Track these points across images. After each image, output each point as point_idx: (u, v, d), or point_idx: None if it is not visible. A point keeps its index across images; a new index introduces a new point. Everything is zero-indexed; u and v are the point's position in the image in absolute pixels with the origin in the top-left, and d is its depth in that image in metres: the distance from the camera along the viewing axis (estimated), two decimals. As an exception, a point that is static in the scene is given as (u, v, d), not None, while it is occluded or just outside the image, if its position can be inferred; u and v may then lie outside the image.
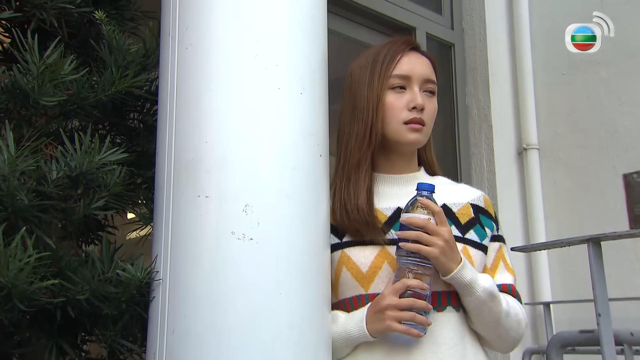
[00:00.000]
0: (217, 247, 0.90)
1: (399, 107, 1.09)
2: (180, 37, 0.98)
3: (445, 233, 0.97)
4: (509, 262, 1.14)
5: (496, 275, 1.10)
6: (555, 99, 2.63)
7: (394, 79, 1.10)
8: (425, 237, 0.96)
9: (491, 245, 1.12)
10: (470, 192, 1.16)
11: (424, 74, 1.12)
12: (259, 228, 0.90)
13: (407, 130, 1.09)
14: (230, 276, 0.89)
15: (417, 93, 1.10)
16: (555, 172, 2.56)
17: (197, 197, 0.91)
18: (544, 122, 2.63)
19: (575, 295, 2.29)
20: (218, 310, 0.88)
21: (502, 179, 2.51)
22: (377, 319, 0.97)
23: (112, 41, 1.04)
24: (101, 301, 0.91)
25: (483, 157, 2.54)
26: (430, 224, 0.97)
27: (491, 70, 2.61)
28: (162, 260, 0.94)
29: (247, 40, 0.95)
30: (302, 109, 0.97)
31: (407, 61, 1.12)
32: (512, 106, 2.67)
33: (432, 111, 1.12)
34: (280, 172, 0.93)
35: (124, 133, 1.14)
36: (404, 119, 1.09)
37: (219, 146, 0.92)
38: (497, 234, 1.14)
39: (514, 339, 1.08)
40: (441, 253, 0.97)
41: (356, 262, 1.04)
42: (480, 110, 2.59)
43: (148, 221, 1.05)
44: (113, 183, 0.95)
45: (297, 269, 0.92)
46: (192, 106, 0.95)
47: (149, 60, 1.08)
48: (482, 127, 2.57)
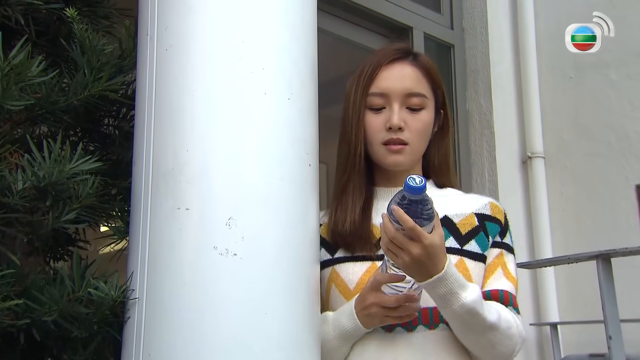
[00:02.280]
0: (198, 263, 0.91)
1: (376, 127, 1.12)
2: (160, 38, 1.00)
3: (415, 249, 0.94)
4: (510, 271, 1.13)
5: (489, 281, 1.10)
6: (562, 103, 2.66)
7: (371, 98, 1.13)
8: (393, 248, 0.96)
9: (490, 251, 1.12)
10: (476, 201, 1.17)
11: (404, 88, 1.12)
12: (243, 243, 0.91)
13: (386, 152, 1.12)
14: (212, 295, 0.90)
15: (395, 112, 1.11)
16: (561, 182, 2.59)
17: (177, 209, 0.93)
18: (549, 129, 2.66)
19: (584, 316, 2.31)
20: (198, 332, 0.89)
21: (504, 189, 2.54)
22: (366, 314, 1.02)
23: (84, 41, 1.05)
24: (70, 323, 0.91)
25: (484, 166, 2.57)
26: (398, 237, 0.94)
27: (493, 73, 2.64)
28: (138, 278, 0.95)
29: (232, 42, 0.97)
30: (290, 115, 0.99)
31: (385, 76, 1.13)
32: (515, 111, 2.70)
33: (417, 128, 1.12)
34: (267, 183, 0.95)
35: (97, 140, 1.15)
36: (382, 140, 1.12)
37: (201, 155, 0.94)
38: (501, 240, 1.14)
39: (501, 355, 1.07)
40: (407, 267, 0.96)
41: (344, 278, 1.07)
42: (482, 116, 2.62)
43: (123, 235, 1.06)
44: (85, 194, 0.95)
45: (285, 286, 0.94)
46: (172, 112, 0.97)
47: (125, 62, 1.09)
48: (483, 134, 2.60)
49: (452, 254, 1.05)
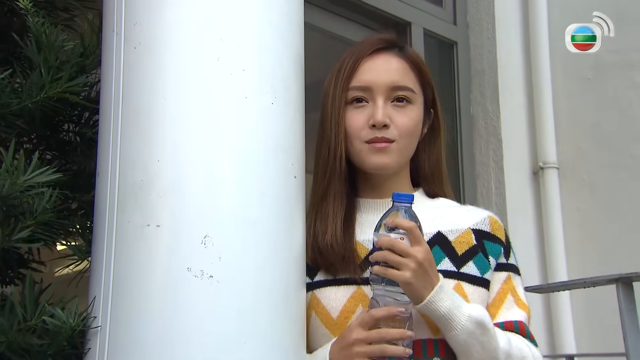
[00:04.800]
0: (169, 286, 0.92)
1: (358, 124, 1.12)
2: (127, 34, 1.01)
3: (419, 253, 0.98)
4: (521, 296, 1.14)
5: (500, 311, 1.11)
6: (579, 107, 2.69)
7: (352, 92, 1.13)
8: (393, 258, 0.98)
9: (496, 275, 1.13)
10: (473, 215, 1.17)
11: (389, 81, 1.13)
12: (221, 264, 0.93)
13: (370, 151, 1.12)
14: (185, 323, 0.91)
15: (379, 107, 1.12)
16: (578, 197, 2.62)
17: (147, 227, 0.94)
18: (564, 136, 2.68)
19: (604, 347, 2.32)
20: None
21: (513, 204, 2.56)
22: (342, 356, 1.00)
23: (40, 36, 1.05)
24: (21, 356, 0.91)
25: (491, 178, 2.59)
26: (398, 243, 0.98)
27: (501, 74, 2.67)
28: (101, 304, 0.96)
29: (208, 40, 0.99)
30: (273, 121, 1.01)
31: (368, 68, 1.14)
32: (526, 117, 2.73)
33: (405, 125, 1.13)
34: (247, 197, 0.97)
35: (56, 148, 1.16)
36: (365, 138, 1.12)
37: (174, 166, 0.96)
38: (506, 261, 1.15)
39: None
40: (413, 276, 0.97)
41: (326, 305, 1.07)
42: (488, 122, 2.64)
43: (84, 255, 1.06)
44: (41, 209, 0.96)
45: (267, 313, 0.95)
46: (141, 117, 0.98)
47: (87, 61, 1.10)
48: (490, 142, 2.63)
49: (447, 278, 1.06)
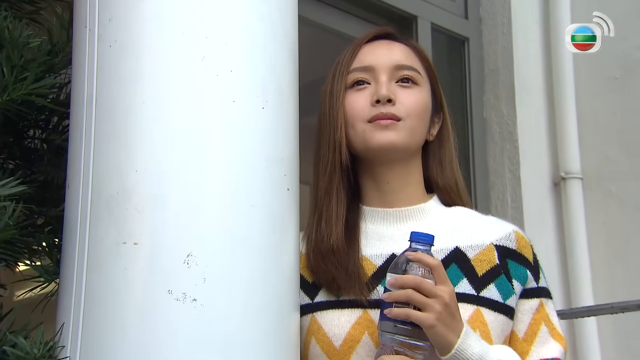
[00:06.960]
0: (147, 311, 0.93)
1: (360, 104, 1.13)
2: (102, 31, 1.02)
3: (446, 294, 0.98)
4: (555, 325, 1.13)
5: (534, 347, 1.10)
6: (605, 111, 2.69)
7: (353, 74, 1.15)
8: (419, 298, 0.97)
9: (524, 304, 1.12)
10: (496, 228, 1.17)
11: (393, 60, 1.15)
12: (205, 285, 0.93)
13: (373, 129, 1.11)
14: (166, 351, 0.92)
15: (384, 82, 1.13)
16: (604, 210, 2.62)
17: (123, 244, 0.95)
18: (588, 143, 2.69)
19: (635, 379, 2.35)
20: (147, 399, 0.91)
21: (531, 218, 2.56)
22: None
23: (3, 31, 1.06)
24: (-21, 391, 0.92)
25: (506, 189, 2.59)
26: (426, 282, 0.98)
27: (517, 73, 2.68)
28: (70, 331, 0.96)
29: (192, 38, 1.00)
30: (264, 128, 1.02)
31: (369, 50, 1.17)
32: (545, 121, 2.74)
33: (412, 103, 1.13)
34: (234, 212, 0.98)
35: (20, 157, 1.16)
36: (367, 116, 1.12)
37: (154, 176, 0.96)
38: (536, 285, 1.14)
39: None
40: (439, 320, 0.97)
41: (327, 332, 1.07)
42: (503, 127, 2.65)
43: (52, 277, 1.06)
44: (2, 225, 0.96)
45: (256, 340, 0.96)
46: (117, 123, 0.99)
47: (56, 60, 1.11)
48: (505, 149, 2.64)
49: (465, 302, 1.06)
